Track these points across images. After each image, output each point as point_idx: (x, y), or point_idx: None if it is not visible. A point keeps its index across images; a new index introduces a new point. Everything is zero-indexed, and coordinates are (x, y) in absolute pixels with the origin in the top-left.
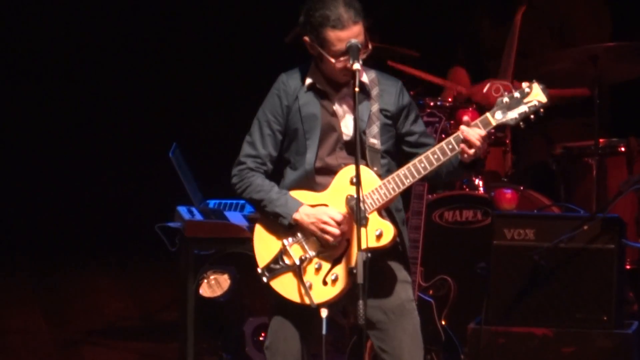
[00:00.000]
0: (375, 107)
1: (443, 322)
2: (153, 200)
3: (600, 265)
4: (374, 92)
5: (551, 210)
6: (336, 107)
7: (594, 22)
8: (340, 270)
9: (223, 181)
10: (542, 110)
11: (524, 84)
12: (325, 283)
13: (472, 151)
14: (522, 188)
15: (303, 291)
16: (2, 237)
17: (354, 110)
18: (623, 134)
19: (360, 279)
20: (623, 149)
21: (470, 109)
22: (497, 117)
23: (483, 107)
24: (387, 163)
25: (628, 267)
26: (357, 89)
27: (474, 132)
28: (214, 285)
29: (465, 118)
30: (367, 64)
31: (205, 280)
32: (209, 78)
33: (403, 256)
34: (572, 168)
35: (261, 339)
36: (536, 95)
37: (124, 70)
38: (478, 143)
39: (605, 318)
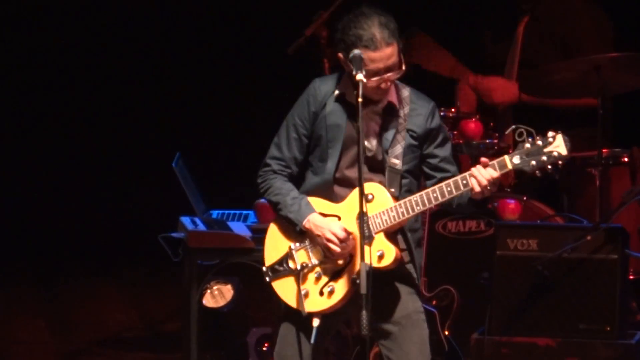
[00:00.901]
0: (402, 127)
1: (446, 333)
2: (156, 210)
3: (603, 275)
4: (405, 110)
5: (554, 220)
6: (361, 122)
7: (597, 33)
8: (337, 283)
9: (226, 191)
10: (560, 162)
11: (550, 133)
12: (321, 294)
13: (478, 190)
14: (525, 198)
15: (299, 297)
16: (6, 248)
17: (380, 128)
18: (626, 144)
19: (363, 290)
20: (626, 159)
21: (473, 119)
22: (514, 161)
23: (486, 118)
24: (409, 183)
25: (631, 277)
26: (360, 99)
27: (486, 173)
28: (217, 295)
29: (484, 159)
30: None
31: (209, 291)
32: (212, 88)
33: (412, 273)
34: (575, 178)
35: (264, 349)
36: (558, 146)
37: (127, 79)
38: (485, 184)
39: (608, 328)
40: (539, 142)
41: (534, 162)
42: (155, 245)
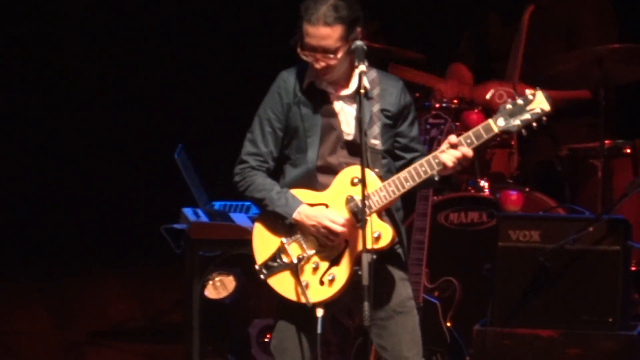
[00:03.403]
0: (376, 108)
1: (448, 324)
2: (158, 201)
3: (605, 266)
4: (375, 92)
5: (556, 211)
6: (336, 107)
7: (601, 24)
8: (337, 270)
9: (228, 183)
10: (544, 118)
11: (528, 91)
12: (322, 283)
13: (447, 170)
14: (527, 189)
15: (299, 290)
16: (8, 240)
17: (357, 110)
18: (629, 135)
19: (365, 281)
20: (629, 150)
21: (475, 110)
22: (499, 123)
23: (489, 108)
24: (388, 163)
25: (633, 268)
26: (362, 90)
27: (448, 154)
28: (219, 286)
29: (453, 140)
30: (371, 64)
31: (211, 282)
32: (214, 79)
33: (401, 255)
34: (577, 169)
35: (266, 340)
36: (539, 102)
37: (128, 71)
38: (450, 165)
39: (610, 320)
40: (520, 102)
41: (518, 122)
42: (157, 237)
